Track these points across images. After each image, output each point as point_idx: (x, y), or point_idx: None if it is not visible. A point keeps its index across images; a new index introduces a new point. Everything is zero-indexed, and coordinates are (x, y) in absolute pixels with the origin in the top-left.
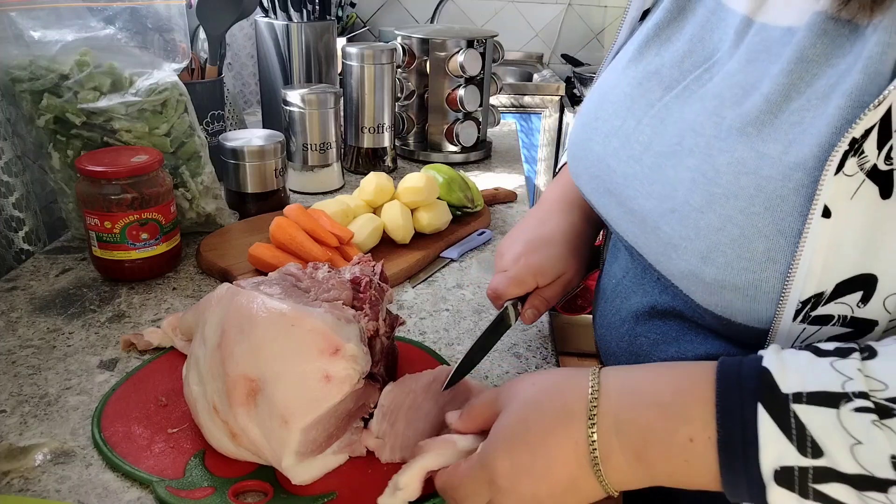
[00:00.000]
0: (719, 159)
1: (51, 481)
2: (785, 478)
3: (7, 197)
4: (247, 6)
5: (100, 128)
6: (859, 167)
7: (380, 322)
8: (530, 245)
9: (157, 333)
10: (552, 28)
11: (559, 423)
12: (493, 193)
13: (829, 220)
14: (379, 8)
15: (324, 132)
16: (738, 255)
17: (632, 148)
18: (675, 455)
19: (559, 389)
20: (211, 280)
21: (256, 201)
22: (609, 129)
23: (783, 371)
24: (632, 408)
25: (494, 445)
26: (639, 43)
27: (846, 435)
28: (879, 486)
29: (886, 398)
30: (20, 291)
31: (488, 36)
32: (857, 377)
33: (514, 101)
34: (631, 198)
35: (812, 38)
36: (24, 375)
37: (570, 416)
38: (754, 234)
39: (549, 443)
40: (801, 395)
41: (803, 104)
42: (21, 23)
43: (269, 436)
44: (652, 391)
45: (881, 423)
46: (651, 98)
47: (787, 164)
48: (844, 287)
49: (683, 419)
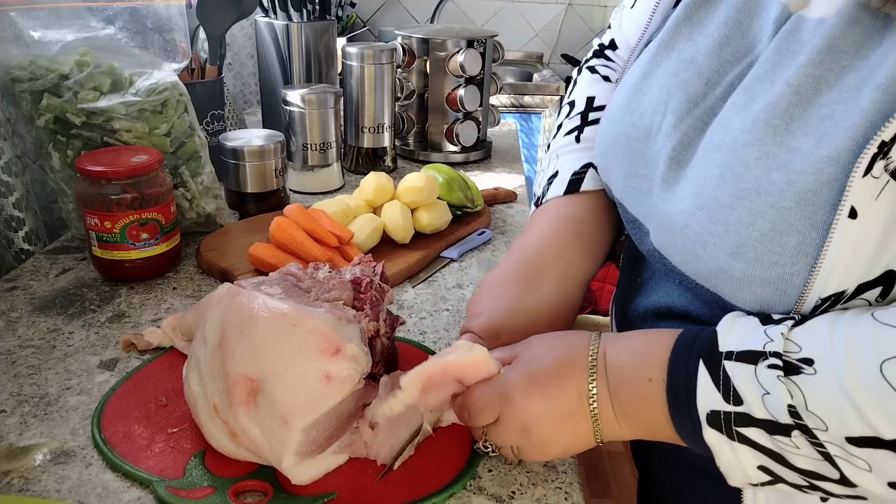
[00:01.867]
0: (746, 154)
1: (51, 481)
2: (715, 420)
3: (7, 197)
4: (247, 6)
5: (100, 128)
6: (885, 169)
7: (380, 322)
8: (514, 317)
9: (157, 333)
10: (552, 28)
11: (568, 364)
12: (493, 193)
13: (854, 221)
14: (379, 8)
15: (324, 132)
16: (768, 249)
17: (672, 146)
18: (636, 391)
19: (570, 340)
20: (211, 280)
21: (256, 201)
22: (648, 124)
23: (728, 334)
24: (615, 353)
25: (514, 370)
26: (669, 27)
27: (759, 386)
28: (783, 430)
29: (797, 358)
30: (20, 291)
31: (488, 36)
32: (777, 340)
33: (514, 101)
34: (664, 198)
35: (843, 28)
36: (24, 375)
37: (578, 360)
38: (785, 228)
39: (562, 375)
40: (731, 353)
41: (834, 97)
42: (21, 23)
43: (270, 436)
44: (630, 342)
45: (785, 378)
46: (691, 92)
47: (819, 158)
48: (867, 286)
49: (646, 363)
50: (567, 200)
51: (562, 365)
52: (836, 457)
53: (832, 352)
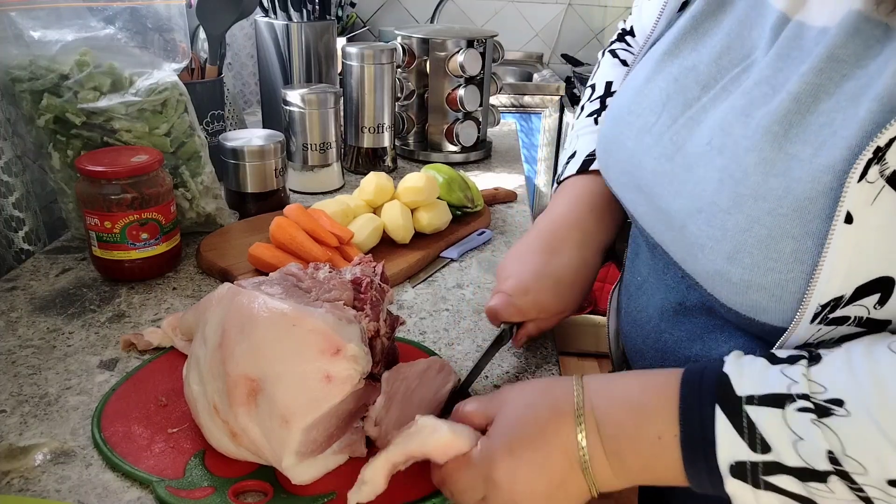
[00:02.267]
0: (747, 159)
1: (51, 481)
2: (739, 471)
3: (7, 197)
4: (247, 6)
5: (100, 128)
6: (880, 174)
7: (380, 322)
8: (540, 279)
9: (157, 333)
10: (552, 28)
11: (552, 422)
12: (493, 193)
13: (851, 227)
14: (379, 8)
15: (324, 132)
16: (765, 255)
17: (664, 146)
18: (645, 450)
19: (550, 391)
20: (211, 280)
21: (256, 201)
22: (643, 124)
23: (740, 376)
24: (607, 407)
25: (493, 442)
26: (675, 35)
27: (790, 432)
28: (819, 477)
29: (825, 399)
30: (20, 291)
31: (488, 36)
32: (801, 381)
33: (514, 101)
34: (659, 196)
35: (843, 38)
36: (24, 375)
37: (561, 415)
38: (781, 235)
39: (547, 438)
40: (752, 398)
41: (833, 105)
42: (21, 23)
43: (270, 436)
44: (624, 392)
45: (819, 421)
46: (688, 96)
47: (816, 167)
48: (863, 290)
49: (650, 418)
50: (581, 179)
51: (544, 425)
52: (875, 500)
53: (860, 391)
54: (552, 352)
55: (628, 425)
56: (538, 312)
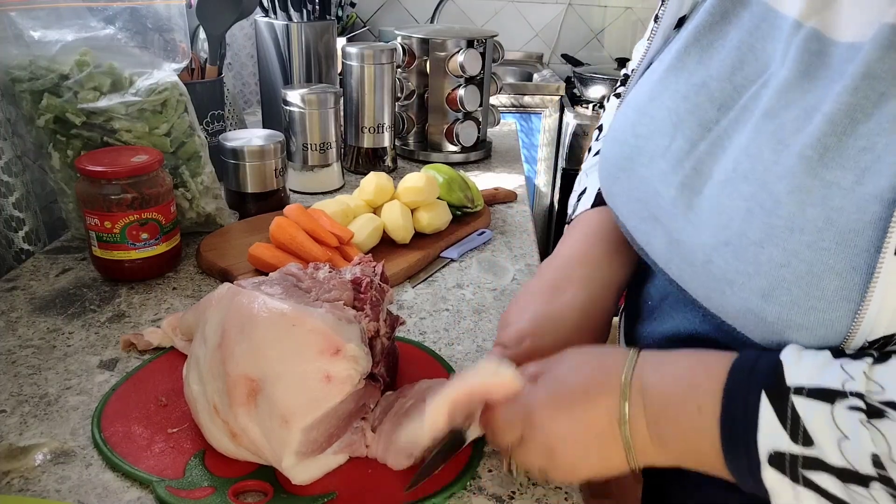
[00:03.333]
0: (778, 187)
1: (51, 481)
2: (778, 461)
3: (7, 197)
4: (247, 6)
5: (100, 128)
6: None
7: (380, 322)
8: (538, 324)
9: (157, 333)
10: (552, 28)
11: (599, 385)
12: (493, 193)
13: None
14: (379, 8)
15: (324, 132)
16: (805, 292)
17: (685, 173)
18: (684, 422)
19: (605, 358)
20: (211, 280)
21: (256, 201)
22: (654, 148)
23: (797, 366)
24: (656, 380)
25: (539, 388)
26: (677, 50)
27: (836, 430)
28: (861, 481)
29: (881, 401)
30: (20, 291)
31: (488, 36)
32: (859, 378)
33: (514, 101)
34: (679, 228)
35: (879, 53)
36: (24, 375)
37: (609, 380)
38: (824, 271)
39: (590, 396)
40: (802, 389)
41: (873, 128)
42: (21, 23)
43: (270, 436)
44: (674, 367)
45: (869, 422)
46: (704, 118)
47: (861, 196)
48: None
49: (695, 391)
50: (594, 213)
51: (591, 384)
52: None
53: None
54: None
55: (672, 396)
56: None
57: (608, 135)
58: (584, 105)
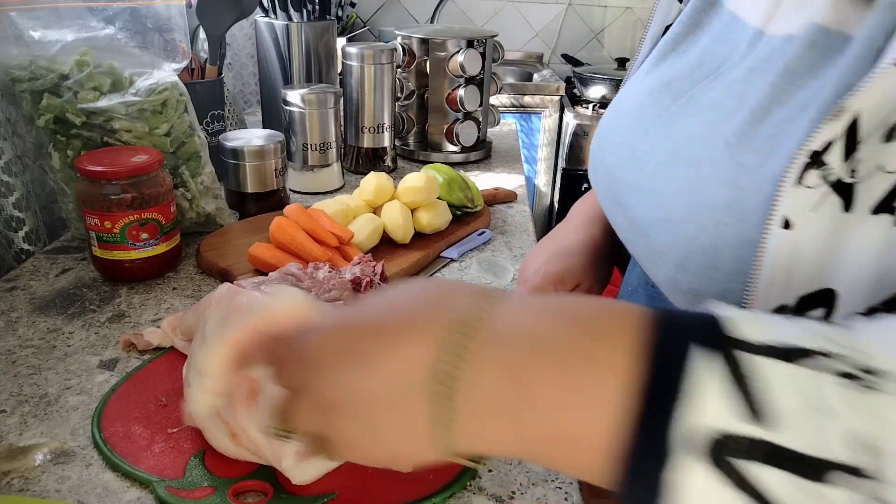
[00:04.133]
0: (706, 170)
1: (51, 481)
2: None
3: (7, 197)
4: (247, 6)
5: (100, 128)
6: (823, 179)
7: None
8: (550, 256)
9: (157, 333)
10: (552, 28)
11: (418, 321)
12: (493, 193)
13: (790, 232)
14: (379, 8)
15: (324, 132)
16: (708, 264)
17: (637, 158)
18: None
19: (443, 290)
20: (211, 280)
21: (256, 201)
22: (621, 140)
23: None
24: (522, 318)
25: (334, 316)
26: (655, 55)
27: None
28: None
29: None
30: (20, 291)
31: (488, 36)
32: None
33: (514, 101)
34: (631, 206)
35: (801, 50)
36: (24, 375)
37: (438, 318)
38: (723, 245)
39: (399, 334)
40: (753, 346)
41: (784, 115)
42: (21, 23)
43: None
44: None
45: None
46: (659, 108)
47: (762, 177)
48: (807, 302)
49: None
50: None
51: (407, 320)
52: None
53: None
54: None
55: (551, 343)
56: (554, 286)
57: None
58: (584, 105)
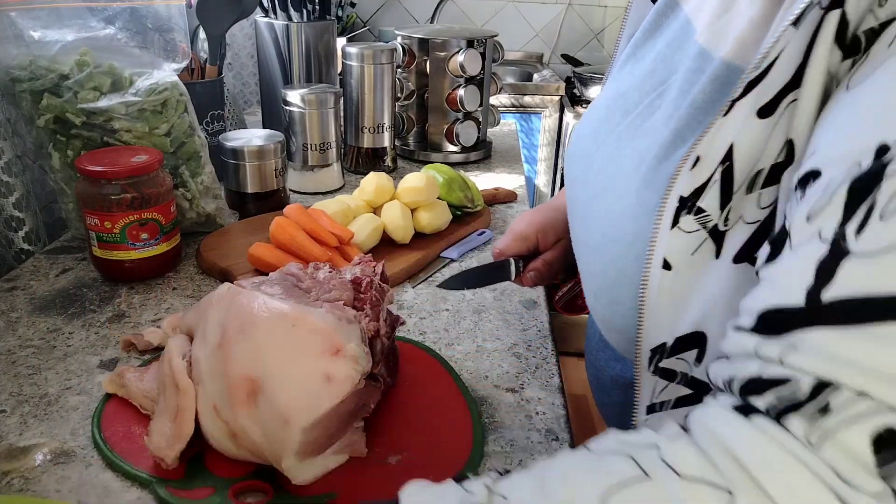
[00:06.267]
0: (623, 203)
1: (51, 481)
2: None
3: (7, 197)
4: (247, 6)
5: (100, 128)
6: (701, 225)
7: (380, 322)
8: (540, 209)
9: (157, 333)
10: (552, 28)
11: None
12: (493, 193)
13: (669, 273)
14: (379, 8)
15: (324, 132)
16: (612, 298)
17: (588, 179)
18: None
19: None
20: (211, 280)
21: (256, 201)
22: (580, 153)
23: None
24: None
25: None
26: (621, 60)
27: None
28: None
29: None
30: (20, 291)
31: (488, 36)
32: (481, 494)
33: (514, 101)
34: (573, 225)
35: (706, 84)
36: (24, 375)
37: None
38: (624, 281)
39: None
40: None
41: (682, 154)
42: (21, 23)
43: (270, 436)
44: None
45: None
46: (611, 125)
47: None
48: (683, 343)
49: None
50: None
51: None
52: None
53: None
54: (552, 352)
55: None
56: (537, 234)
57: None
58: (584, 105)
